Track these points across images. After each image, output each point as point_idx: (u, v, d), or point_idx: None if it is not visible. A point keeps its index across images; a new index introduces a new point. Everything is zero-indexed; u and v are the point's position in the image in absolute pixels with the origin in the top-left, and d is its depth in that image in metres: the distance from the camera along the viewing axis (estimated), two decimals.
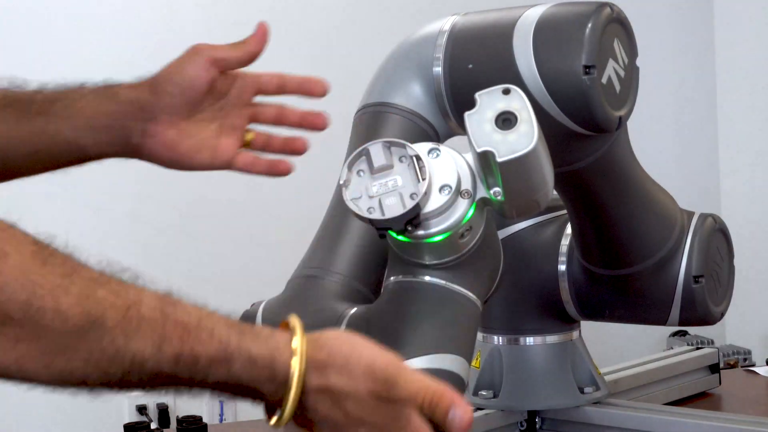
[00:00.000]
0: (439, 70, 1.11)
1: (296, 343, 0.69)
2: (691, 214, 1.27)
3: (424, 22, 1.16)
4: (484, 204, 0.89)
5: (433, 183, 0.86)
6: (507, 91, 0.85)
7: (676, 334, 2.94)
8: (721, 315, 1.29)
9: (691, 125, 3.23)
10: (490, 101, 0.85)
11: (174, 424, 1.67)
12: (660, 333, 2.96)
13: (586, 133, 1.07)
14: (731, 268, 1.32)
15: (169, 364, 0.65)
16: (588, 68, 1.02)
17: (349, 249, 1.06)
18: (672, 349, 1.80)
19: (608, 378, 1.37)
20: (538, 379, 1.29)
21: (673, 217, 1.25)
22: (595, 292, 1.30)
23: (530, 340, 1.31)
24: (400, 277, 0.93)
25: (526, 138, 0.83)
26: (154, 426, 2.42)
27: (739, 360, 2.78)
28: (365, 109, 1.15)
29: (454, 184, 0.86)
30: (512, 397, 1.29)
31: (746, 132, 3.14)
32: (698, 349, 1.60)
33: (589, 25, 1.03)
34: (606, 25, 1.05)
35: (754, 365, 2.21)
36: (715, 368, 1.56)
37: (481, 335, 1.33)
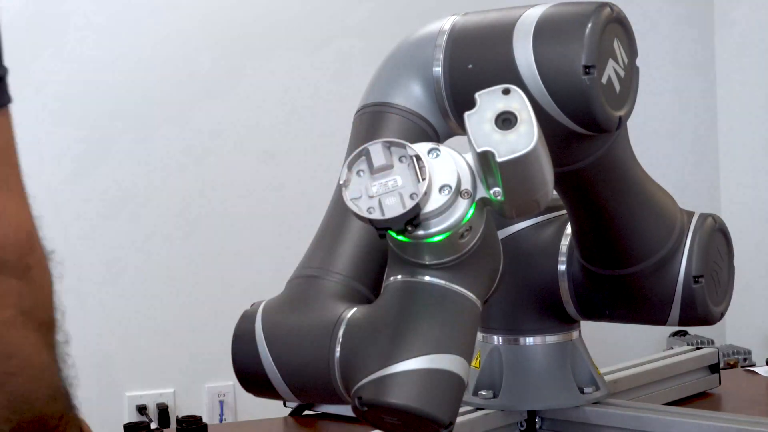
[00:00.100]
0: (439, 70, 1.11)
1: None
2: (691, 214, 1.27)
3: (424, 22, 1.16)
4: (484, 204, 0.89)
5: (433, 183, 0.86)
6: (507, 91, 0.85)
7: (676, 334, 2.94)
8: (721, 315, 1.29)
9: (691, 126, 3.23)
10: (490, 101, 0.85)
11: (174, 424, 1.67)
12: (660, 333, 2.95)
13: (586, 133, 1.07)
14: (731, 268, 1.32)
15: None
16: (588, 68, 1.02)
17: (349, 249, 1.06)
18: (672, 349, 1.80)
19: (608, 378, 1.37)
20: (537, 379, 1.29)
21: (673, 217, 1.25)
22: (595, 292, 1.30)
23: (530, 340, 1.31)
24: (399, 277, 0.93)
25: (526, 138, 0.83)
26: (154, 426, 2.42)
27: (739, 360, 2.78)
28: (365, 109, 1.15)
29: (454, 184, 0.86)
30: (512, 397, 1.29)
31: (746, 132, 3.14)
32: (698, 349, 1.60)
33: (589, 25, 1.03)
34: (606, 25, 1.05)
35: (754, 365, 2.21)
36: (715, 368, 1.56)
37: (481, 335, 1.33)
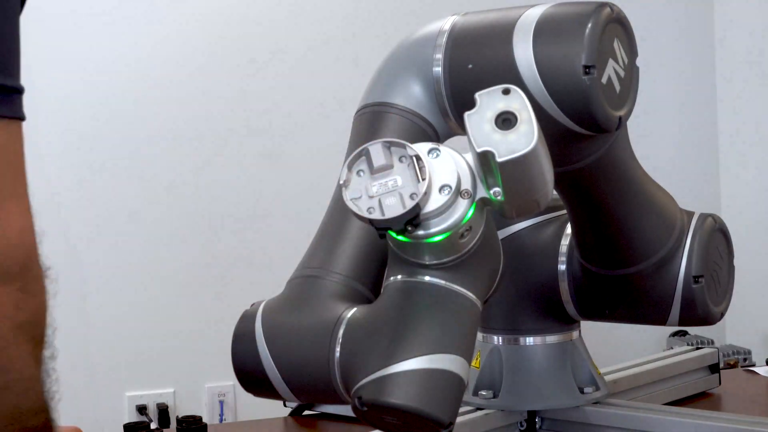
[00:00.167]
0: (438, 70, 1.11)
1: None
2: (691, 214, 1.27)
3: (424, 22, 1.16)
4: (484, 204, 0.89)
5: (433, 183, 0.86)
6: (507, 91, 0.85)
7: (676, 334, 2.94)
8: (721, 315, 1.29)
9: (691, 125, 3.23)
10: (490, 101, 0.85)
11: (174, 424, 1.67)
12: (660, 333, 2.96)
13: (586, 133, 1.07)
14: (731, 268, 1.32)
15: None
16: (588, 68, 1.02)
17: (349, 249, 1.06)
18: (672, 349, 1.80)
19: (608, 378, 1.37)
20: (538, 379, 1.29)
21: (673, 217, 1.25)
22: (595, 292, 1.30)
23: (530, 340, 1.31)
24: (399, 277, 0.93)
25: (526, 138, 0.83)
26: (154, 426, 2.42)
27: (739, 360, 2.78)
28: (365, 109, 1.15)
29: (454, 184, 0.86)
30: (512, 397, 1.29)
31: (746, 132, 3.14)
32: (698, 349, 1.60)
33: (589, 25, 1.03)
34: (606, 25, 1.05)
35: (754, 365, 2.21)
36: (715, 368, 1.56)
37: (481, 335, 1.33)
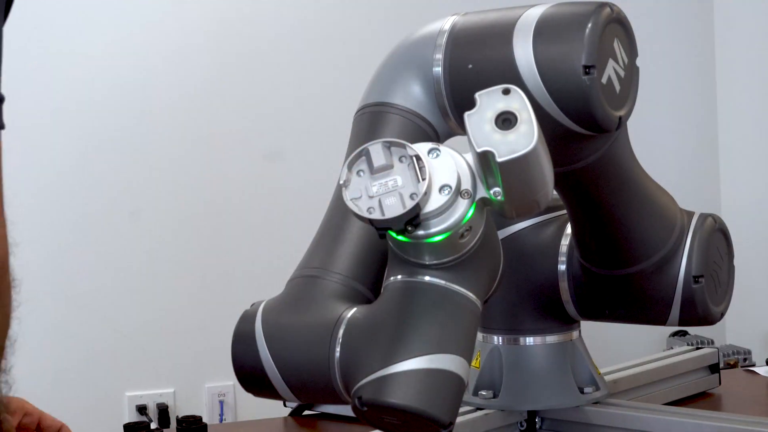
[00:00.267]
0: (438, 70, 1.11)
1: None
2: (691, 214, 1.27)
3: (424, 22, 1.16)
4: (484, 204, 0.89)
5: (433, 183, 0.86)
6: (507, 91, 0.85)
7: (676, 334, 2.93)
8: (721, 315, 1.29)
9: (691, 125, 3.23)
10: (490, 101, 0.85)
11: (174, 424, 1.67)
12: (660, 333, 2.95)
13: (586, 133, 1.07)
14: (731, 268, 1.32)
15: None
16: (588, 68, 1.02)
17: (349, 249, 1.06)
18: (672, 349, 1.80)
19: (608, 378, 1.37)
20: (537, 379, 1.29)
21: (673, 217, 1.25)
22: (595, 292, 1.30)
23: (530, 340, 1.31)
24: (399, 277, 0.93)
25: (526, 138, 0.83)
26: (154, 426, 2.42)
27: (739, 360, 2.77)
28: (365, 109, 1.15)
29: (454, 184, 0.86)
30: (512, 397, 1.29)
31: (746, 132, 3.14)
32: (698, 349, 1.60)
33: (589, 25, 1.03)
34: (606, 25, 1.05)
35: (754, 365, 2.21)
36: (715, 368, 1.56)
37: (481, 335, 1.33)
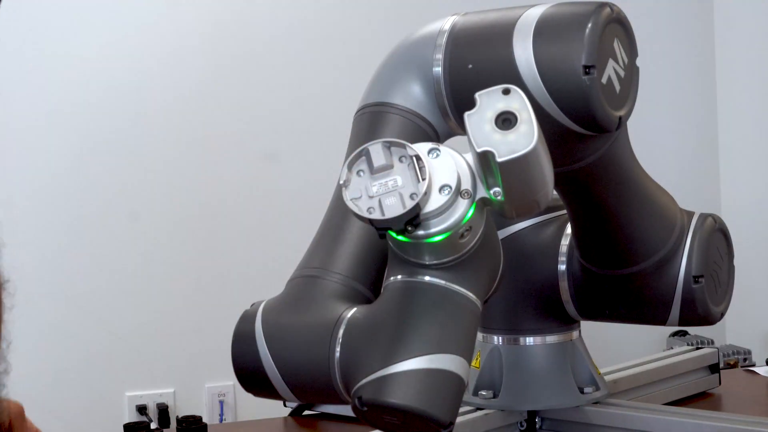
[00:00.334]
0: (438, 70, 1.11)
1: None
2: (691, 214, 1.27)
3: (424, 22, 1.16)
4: (484, 204, 0.89)
5: (433, 183, 0.86)
6: (507, 91, 0.85)
7: (676, 334, 2.94)
8: (721, 315, 1.29)
9: (691, 125, 3.23)
10: (490, 101, 0.85)
11: (174, 424, 1.67)
12: (660, 333, 2.95)
13: (586, 133, 1.07)
14: (731, 268, 1.32)
15: None
16: (588, 68, 1.02)
17: (349, 249, 1.06)
18: (672, 349, 1.80)
19: (608, 378, 1.37)
20: (537, 379, 1.29)
21: (673, 217, 1.25)
22: (595, 292, 1.30)
23: (530, 340, 1.31)
24: (399, 277, 0.93)
25: (526, 138, 0.83)
26: (154, 426, 2.42)
27: (739, 360, 2.77)
28: (365, 109, 1.15)
29: (454, 184, 0.86)
30: (512, 397, 1.29)
31: (746, 132, 3.14)
32: (698, 349, 1.60)
33: (589, 25, 1.03)
34: (606, 25, 1.05)
35: (754, 365, 2.21)
36: (715, 368, 1.56)
37: (481, 335, 1.33)
